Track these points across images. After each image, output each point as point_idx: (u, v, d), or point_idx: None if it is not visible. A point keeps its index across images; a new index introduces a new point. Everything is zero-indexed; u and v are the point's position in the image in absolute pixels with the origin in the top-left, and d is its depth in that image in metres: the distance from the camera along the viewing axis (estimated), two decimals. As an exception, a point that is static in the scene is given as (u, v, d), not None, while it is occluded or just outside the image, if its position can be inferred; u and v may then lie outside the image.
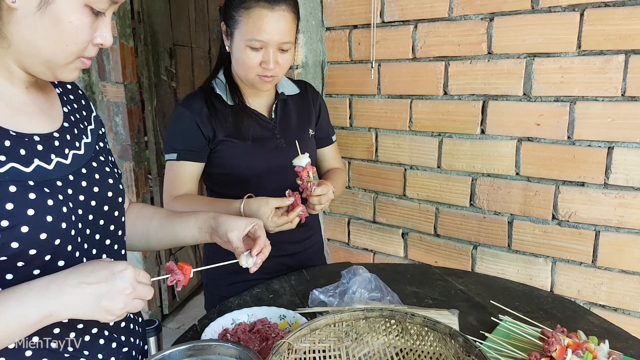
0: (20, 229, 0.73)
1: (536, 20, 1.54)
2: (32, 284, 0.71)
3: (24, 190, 0.74)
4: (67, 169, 0.83)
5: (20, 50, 0.75)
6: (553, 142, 1.59)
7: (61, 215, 0.78)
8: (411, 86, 1.83)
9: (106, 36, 0.79)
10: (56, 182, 0.80)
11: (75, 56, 0.77)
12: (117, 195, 0.94)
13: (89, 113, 0.99)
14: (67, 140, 0.86)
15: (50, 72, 0.79)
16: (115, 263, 0.75)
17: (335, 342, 1.01)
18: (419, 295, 1.36)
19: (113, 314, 0.74)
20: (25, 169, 0.76)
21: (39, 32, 0.73)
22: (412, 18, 1.78)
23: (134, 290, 0.75)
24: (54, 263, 0.79)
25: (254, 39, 1.31)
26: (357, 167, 2.07)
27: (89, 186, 0.87)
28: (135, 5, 2.75)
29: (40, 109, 0.85)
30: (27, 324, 0.69)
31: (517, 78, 1.61)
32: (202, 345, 0.97)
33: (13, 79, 0.80)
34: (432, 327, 0.97)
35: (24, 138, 0.78)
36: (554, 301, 1.31)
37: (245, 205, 1.32)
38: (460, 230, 1.84)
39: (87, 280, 0.72)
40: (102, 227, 0.90)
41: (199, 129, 1.41)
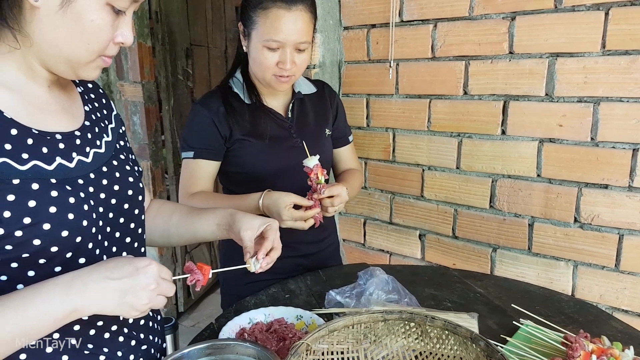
0: (42, 226, 0.73)
1: (559, 19, 1.51)
2: (57, 279, 0.71)
3: (46, 187, 0.75)
4: (88, 167, 0.84)
5: (43, 49, 0.76)
6: (576, 143, 1.56)
7: (82, 213, 0.79)
8: (430, 86, 1.81)
9: (127, 35, 0.80)
10: (77, 180, 0.81)
11: (96, 55, 0.78)
12: (137, 194, 0.94)
13: (109, 112, 1.00)
14: (88, 139, 0.87)
15: (72, 70, 0.79)
16: (139, 259, 0.76)
17: (353, 344, 1.00)
18: (437, 298, 1.34)
19: (137, 310, 0.75)
20: (47, 167, 0.77)
21: (61, 30, 0.73)
22: (432, 17, 1.76)
23: (158, 286, 0.76)
24: (74, 260, 0.79)
25: (271, 39, 1.31)
26: (373, 167, 2.05)
27: (109, 184, 0.87)
28: (153, 5, 2.77)
29: (62, 108, 0.85)
30: (52, 319, 0.70)
31: (539, 78, 1.58)
32: (221, 345, 0.97)
33: (36, 78, 0.80)
34: (452, 331, 0.96)
35: (46, 136, 0.79)
36: (575, 305, 1.29)
37: (265, 196, 1.34)
38: (480, 232, 1.82)
39: (111, 275, 0.72)
40: (122, 225, 0.91)
41: (215, 127, 1.42)
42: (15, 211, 0.71)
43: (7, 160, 0.72)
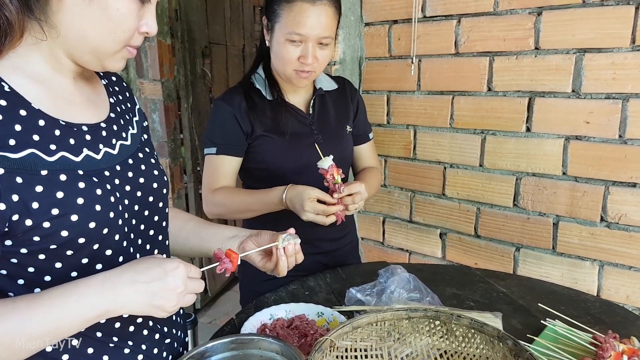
0: (70, 217, 0.73)
1: (587, 14, 1.49)
2: (89, 281, 0.73)
3: (74, 179, 0.75)
4: (114, 159, 0.84)
5: (69, 40, 0.75)
6: (603, 140, 1.53)
7: (109, 204, 0.79)
8: (453, 82, 1.79)
9: (151, 24, 0.79)
10: (104, 172, 0.81)
11: (122, 44, 0.78)
12: (161, 187, 0.94)
13: (133, 105, 1.00)
14: (114, 131, 0.87)
15: (97, 61, 0.79)
16: (168, 261, 0.77)
17: (377, 342, 0.99)
18: (459, 297, 1.32)
19: (165, 311, 0.76)
20: (75, 158, 0.77)
21: (88, 20, 0.73)
22: (456, 12, 1.74)
23: (186, 288, 0.77)
24: (101, 252, 0.80)
25: (294, 33, 1.31)
26: (393, 165, 2.04)
27: (135, 177, 0.87)
28: (172, 3, 2.78)
29: (88, 100, 0.85)
30: (83, 320, 0.71)
31: (566, 74, 1.55)
32: (245, 339, 0.97)
33: (61, 70, 0.80)
34: (479, 330, 0.94)
35: (72, 128, 0.79)
36: (602, 306, 1.26)
37: (288, 189, 1.33)
38: (503, 231, 1.79)
39: (140, 278, 0.74)
40: (147, 217, 0.90)
41: (237, 123, 1.41)
42: (44, 202, 0.71)
43: (35, 151, 0.72)
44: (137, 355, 0.88)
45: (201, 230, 1.09)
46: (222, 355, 0.94)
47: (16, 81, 0.74)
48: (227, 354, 0.95)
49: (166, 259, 0.78)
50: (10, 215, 0.69)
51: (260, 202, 1.39)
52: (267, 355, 0.95)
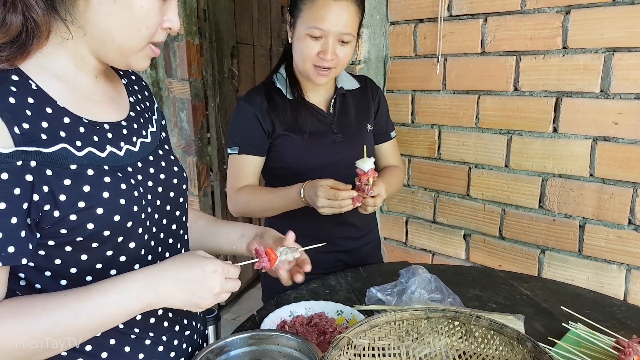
0: (96, 210, 0.76)
1: (617, 12, 1.46)
2: (135, 276, 0.77)
3: (100, 174, 0.78)
4: (136, 156, 0.86)
5: (95, 38, 0.77)
6: (632, 142, 1.50)
7: (133, 198, 0.81)
8: (479, 81, 1.78)
9: (174, 20, 0.81)
10: (127, 168, 0.83)
11: (146, 41, 0.80)
12: (181, 183, 0.97)
13: (152, 104, 1.02)
14: (135, 129, 0.89)
15: (122, 59, 0.81)
16: (208, 262, 0.80)
17: (395, 341, 0.99)
18: (481, 299, 1.31)
19: (201, 308, 0.81)
20: (100, 154, 0.79)
21: (113, 17, 0.75)
22: (482, 11, 1.73)
23: (222, 288, 0.81)
24: (125, 244, 0.82)
25: (315, 27, 1.32)
26: (417, 164, 2.03)
27: (156, 173, 0.90)
28: (201, 3, 2.82)
29: (109, 98, 0.88)
30: (129, 311, 0.76)
31: (594, 74, 1.53)
32: (263, 335, 0.98)
33: (85, 68, 0.82)
34: (498, 331, 0.93)
35: (95, 126, 0.81)
36: (627, 310, 1.24)
37: (305, 185, 1.35)
38: (528, 233, 1.77)
39: (182, 276, 0.78)
40: (168, 212, 0.93)
41: (259, 123, 1.43)
42: (71, 195, 0.74)
43: (66, 146, 0.75)
44: (158, 346, 0.90)
45: (211, 229, 1.12)
46: (241, 350, 0.96)
47: (42, 80, 0.76)
48: (246, 349, 0.96)
49: (207, 259, 0.81)
50: (43, 205, 0.71)
51: (280, 199, 1.41)
52: (285, 351, 0.96)
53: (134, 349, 0.87)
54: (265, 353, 0.97)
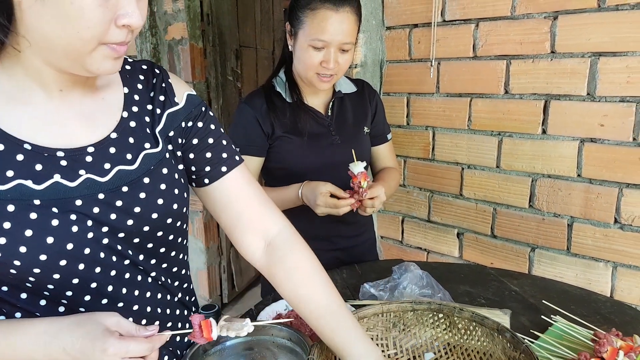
0: (19, 248, 0.70)
1: (602, 18, 1.50)
2: (28, 330, 0.71)
3: (25, 209, 0.71)
4: (98, 187, 0.77)
5: (40, 46, 0.68)
6: (617, 143, 1.54)
7: (67, 236, 0.73)
8: (471, 84, 1.82)
9: (132, 14, 0.67)
10: (74, 201, 0.74)
11: (93, 42, 0.68)
12: (164, 217, 0.85)
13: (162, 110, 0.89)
14: (110, 155, 0.79)
15: (77, 64, 0.70)
16: (102, 338, 0.69)
17: (382, 332, 1.04)
18: (471, 295, 1.35)
19: None
20: (35, 187, 0.71)
21: (45, 20, 0.65)
22: (474, 17, 1.77)
23: None
24: (66, 281, 0.76)
25: (317, 39, 1.36)
26: (412, 165, 2.08)
27: (125, 206, 0.79)
28: (204, 7, 2.87)
29: (78, 117, 0.78)
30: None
31: (581, 77, 1.57)
32: (257, 326, 1.03)
33: (45, 83, 0.74)
34: (480, 323, 0.98)
35: (42, 153, 0.73)
36: (612, 306, 1.27)
37: (304, 185, 1.40)
38: (518, 231, 1.81)
39: (70, 345, 0.69)
40: (137, 245, 0.83)
41: (259, 125, 1.47)
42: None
43: None
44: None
45: (334, 323, 0.90)
46: (237, 340, 1.01)
47: None
48: (241, 339, 1.01)
49: (104, 334, 0.69)
50: None
51: (278, 199, 1.45)
52: (278, 341, 1.01)
53: None
54: (259, 343, 1.02)
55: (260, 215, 0.97)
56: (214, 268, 3.11)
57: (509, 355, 0.92)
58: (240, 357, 1.01)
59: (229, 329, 0.81)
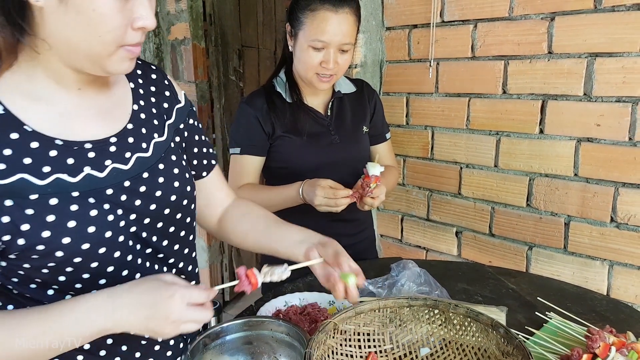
0: (62, 240, 0.74)
1: (599, 19, 1.51)
2: (92, 299, 0.73)
3: (66, 202, 0.75)
4: (123, 175, 0.82)
5: (61, 50, 0.73)
6: (613, 143, 1.56)
7: (105, 224, 0.78)
8: (469, 85, 1.84)
9: (146, 17, 0.73)
10: (105, 191, 0.79)
11: (114, 45, 0.73)
12: (181, 199, 0.92)
13: (171, 105, 0.96)
14: (129, 144, 0.84)
15: (97, 66, 0.75)
16: (166, 287, 0.75)
17: (379, 327, 1.05)
18: (468, 292, 1.37)
19: (161, 336, 0.76)
20: (71, 179, 0.76)
21: (69, 26, 0.69)
22: (472, 17, 1.79)
23: (181, 316, 0.74)
24: (102, 269, 0.80)
25: (317, 40, 1.38)
26: (412, 164, 2.10)
27: (148, 191, 0.85)
28: (207, 7, 2.89)
29: (97, 112, 0.83)
30: (82, 336, 0.73)
31: (578, 78, 1.59)
32: (256, 321, 1.05)
33: (64, 82, 0.78)
34: (474, 318, 0.99)
35: (72, 147, 0.77)
36: (608, 304, 1.29)
37: (305, 182, 1.41)
38: (516, 230, 1.83)
39: (136, 301, 0.73)
40: (160, 229, 0.89)
41: (260, 124, 1.49)
42: (34, 225, 0.72)
43: (25, 176, 0.72)
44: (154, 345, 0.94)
45: (271, 231, 1.05)
46: (236, 335, 1.02)
47: (14, 101, 0.73)
48: (240, 334, 1.03)
49: (166, 284, 0.75)
50: (1, 236, 0.70)
51: (280, 197, 1.48)
52: (277, 336, 1.03)
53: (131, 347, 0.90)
54: (258, 338, 1.03)
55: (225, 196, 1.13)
56: (215, 266, 3.13)
57: (502, 350, 0.93)
58: (240, 351, 1.03)
59: (271, 275, 0.89)
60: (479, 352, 0.99)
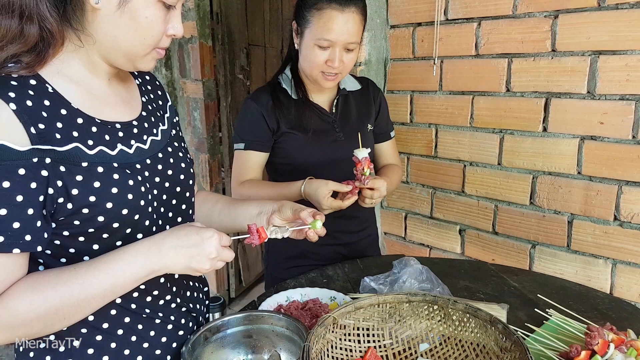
0: (106, 205, 0.82)
1: (602, 17, 1.51)
2: (138, 246, 0.83)
3: (109, 170, 0.84)
4: (145, 154, 0.92)
5: (104, 46, 0.84)
6: (617, 141, 1.55)
7: (140, 194, 0.87)
8: (473, 82, 1.84)
9: (177, 27, 0.87)
10: (136, 165, 0.89)
11: (151, 48, 0.86)
12: (188, 178, 1.03)
13: (164, 102, 1.08)
14: (145, 128, 0.96)
15: (130, 63, 0.87)
16: (204, 230, 0.86)
17: (379, 322, 1.06)
18: (470, 290, 1.37)
19: (200, 272, 0.86)
20: (110, 152, 0.86)
21: (120, 28, 0.81)
22: (476, 15, 1.79)
23: (218, 254, 0.86)
24: (133, 235, 0.89)
25: (323, 38, 1.39)
26: (415, 162, 2.10)
27: (164, 169, 0.96)
28: (214, 6, 2.91)
29: (122, 99, 0.94)
30: (134, 279, 0.82)
31: (581, 76, 1.58)
32: (257, 315, 1.07)
33: (97, 72, 0.89)
34: (473, 314, 0.99)
35: (107, 125, 0.88)
36: (610, 302, 1.29)
37: (306, 184, 1.41)
38: (519, 228, 1.83)
39: (181, 243, 0.83)
40: (174, 205, 0.99)
41: (264, 121, 1.51)
42: (83, 190, 0.80)
43: (79, 145, 0.81)
44: (167, 325, 0.99)
45: (231, 209, 1.16)
46: (237, 328, 1.05)
47: (58, 83, 0.83)
48: (241, 328, 1.05)
49: (203, 227, 0.87)
50: (57, 198, 0.78)
51: (281, 195, 1.48)
52: (277, 330, 1.05)
53: (146, 326, 0.95)
54: (259, 331, 1.05)
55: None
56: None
57: (501, 347, 0.94)
58: (240, 344, 1.04)
59: (276, 233, 1.01)
60: (478, 348, 0.99)
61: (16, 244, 0.75)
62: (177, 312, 1.01)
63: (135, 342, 0.94)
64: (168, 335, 0.99)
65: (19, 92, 0.77)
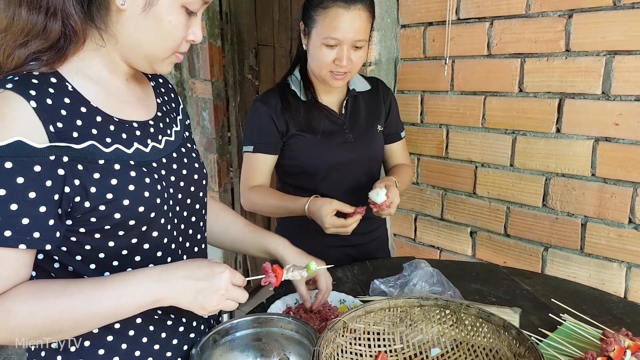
0: (122, 202, 0.83)
1: (618, 16, 1.49)
2: (149, 272, 0.82)
3: (126, 168, 0.85)
4: (160, 153, 0.93)
5: (126, 46, 0.85)
6: (632, 142, 1.53)
7: (156, 192, 0.88)
8: (485, 83, 1.82)
9: (197, 33, 0.89)
10: (152, 164, 0.90)
11: (171, 51, 0.88)
12: (201, 179, 1.04)
13: (177, 105, 1.10)
14: (160, 128, 0.97)
15: (149, 65, 0.89)
16: (217, 264, 0.85)
17: (389, 327, 1.05)
18: (482, 293, 1.36)
19: (206, 310, 0.83)
20: (127, 151, 0.86)
21: (143, 30, 0.83)
22: (488, 15, 1.77)
23: (227, 292, 0.83)
24: (149, 233, 0.89)
25: (330, 37, 1.38)
26: (426, 163, 2.08)
27: (178, 169, 0.97)
28: (223, 6, 2.91)
29: (138, 100, 0.96)
30: (139, 304, 0.81)
31: (596, 76, 1.56)
32: (266, 318, 1.06)
33: (116, 72, 0.90)
34: (486, 319, 0.98)
35: (124, 124, 0.88)
36: (625, 307, 1.27)
37: (310, 202, 1.40)
38: (532, 230, 1.81)
39: (192, 275, 0.82)
40: (188, 205, 1.00)
41: (273, 123, 1.50)
42: (100, 187, 0.81)
43: (95, 143, 0.82)
44: (179, 327, 0.99)
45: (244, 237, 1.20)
46: (245, 331, 1.04)
47: (78, 82, 0.84)
48: (250, 331, 1.04)
49: (216, 262, 0.86)
50: (73, 197, 0.79)
51: (286, 209, 1.48)
52: (286, 333, 1.04)
53: (158, 327, 0.96)
54: (268, 335, 1.04)
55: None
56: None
57: (514, 352, 0.92)
58: (249, 347, 1.04)
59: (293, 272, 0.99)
60: (491, 354, 0.98)
61: (23, 239, 0.75)
62: (189, 314, 0.99)
63: (146, 343, 0.94)
64: (179, 337, 0.99)
65: (39, 91, 0.77)
